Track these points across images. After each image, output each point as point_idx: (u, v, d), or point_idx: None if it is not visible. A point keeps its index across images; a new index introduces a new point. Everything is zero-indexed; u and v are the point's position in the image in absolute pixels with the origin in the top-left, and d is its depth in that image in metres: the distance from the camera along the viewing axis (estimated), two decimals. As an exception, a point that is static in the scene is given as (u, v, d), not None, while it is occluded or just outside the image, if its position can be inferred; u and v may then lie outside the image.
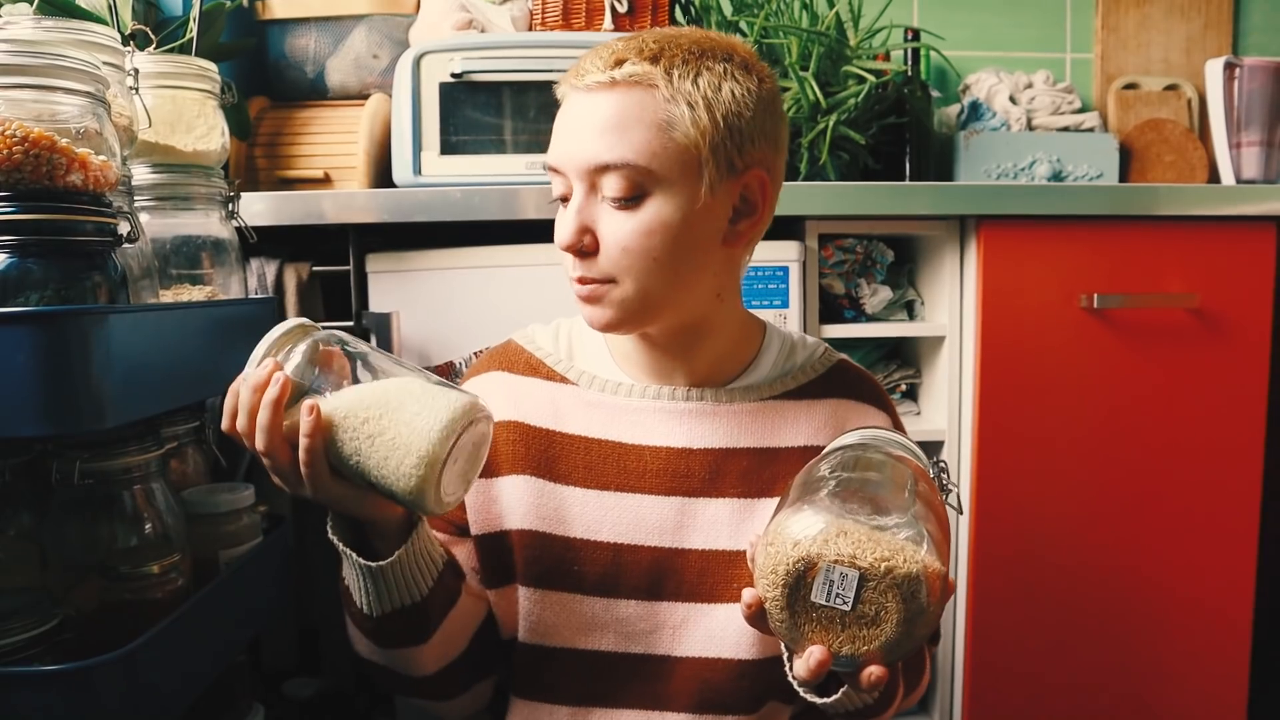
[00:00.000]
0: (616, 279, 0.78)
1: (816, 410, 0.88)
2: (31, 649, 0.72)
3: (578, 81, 0.77)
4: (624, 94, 0.76)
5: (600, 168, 0.76)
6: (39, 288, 0.72)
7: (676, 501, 0.84)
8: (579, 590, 0.84)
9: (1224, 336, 1.40)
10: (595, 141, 0.76)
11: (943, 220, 1.38)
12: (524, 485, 0.86)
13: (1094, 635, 1.43)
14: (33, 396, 0.66)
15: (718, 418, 0.86)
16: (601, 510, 0.84)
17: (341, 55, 1.50)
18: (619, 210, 0.77)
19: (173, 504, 0.90)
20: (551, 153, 0.79)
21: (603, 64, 0.76)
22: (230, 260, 1.03)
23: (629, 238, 0.77)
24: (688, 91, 0.76)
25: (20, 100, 0.71)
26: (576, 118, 0.77)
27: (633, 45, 0.77)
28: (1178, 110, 1.84)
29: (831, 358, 0.93)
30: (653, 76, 0.75)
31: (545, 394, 0.88)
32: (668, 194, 0.77)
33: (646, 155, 0.76)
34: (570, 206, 0.78)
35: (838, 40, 1.44)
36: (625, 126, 0.75)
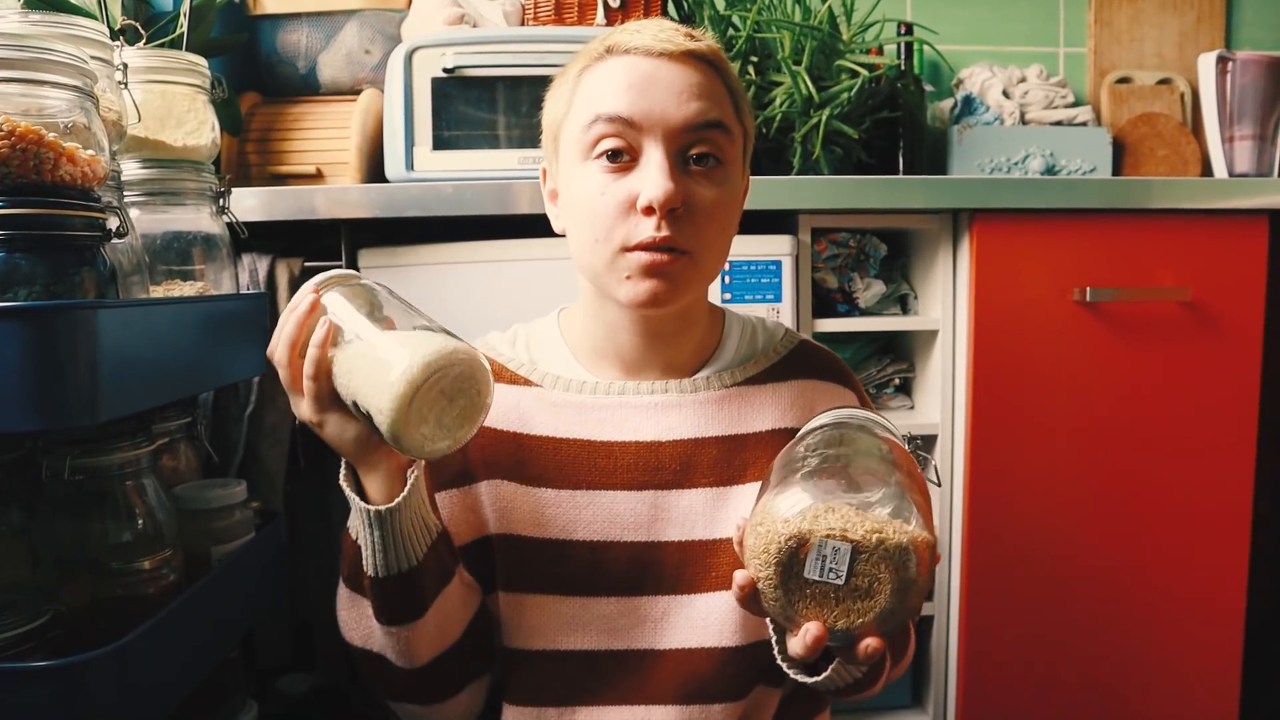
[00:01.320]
0: (693, 252, 0.79)
1: (783, 392, 0.88)
2: (23, 645, 0.72)
3: (660, 45, 0.77)
4: (707, 65, 0.79)
5: (700, 126, 0.77)
6: (27, 283, 0.71)
7: (650, 495, 0.84)
8: (559, 591, 0.84)
9: (1217, 330, 1.41)
10: (694, 102, 0.77)
11: (936, 214, 1.38)
12: (497, 490, 0.86)
13: (1087, 628, 1.43)
14: (22, 391, 0.66)
15: (684, 408, 0.86)
16: (575, 509, 0.84)
17: (333, 51, 1.49)
18: (705, 177, 0.79)
19: (164, 500, 0.90)
20: (626, 106, 0.77)
21: (678, 35, 0.79)
22: (221, 256, 1.03)
23: (715, 206, 0.79)
24: (735, 75, 0.83)
25: (6, 94, 0.70)
26: (664, 79, 0.77)
27: (687, 28, 0.81)
28: (1171, 104, 1.84)
29: (793, 339, 0.93)
30: (721, 57, 0.81)
31: (510, 398, 0.87)
32: (735, 166, 0.82)
33: (730, 124, 0.80)
34: (656, 163, 0.77)
35: (830, 34, 1.44)
36: (714, 93, 0.79)
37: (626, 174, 0.78)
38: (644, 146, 0.77)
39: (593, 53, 0.81)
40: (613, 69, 0.79)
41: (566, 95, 0.82)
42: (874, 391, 1.50)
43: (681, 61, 0.78)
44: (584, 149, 0.79)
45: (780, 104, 1.43)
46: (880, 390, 1.51)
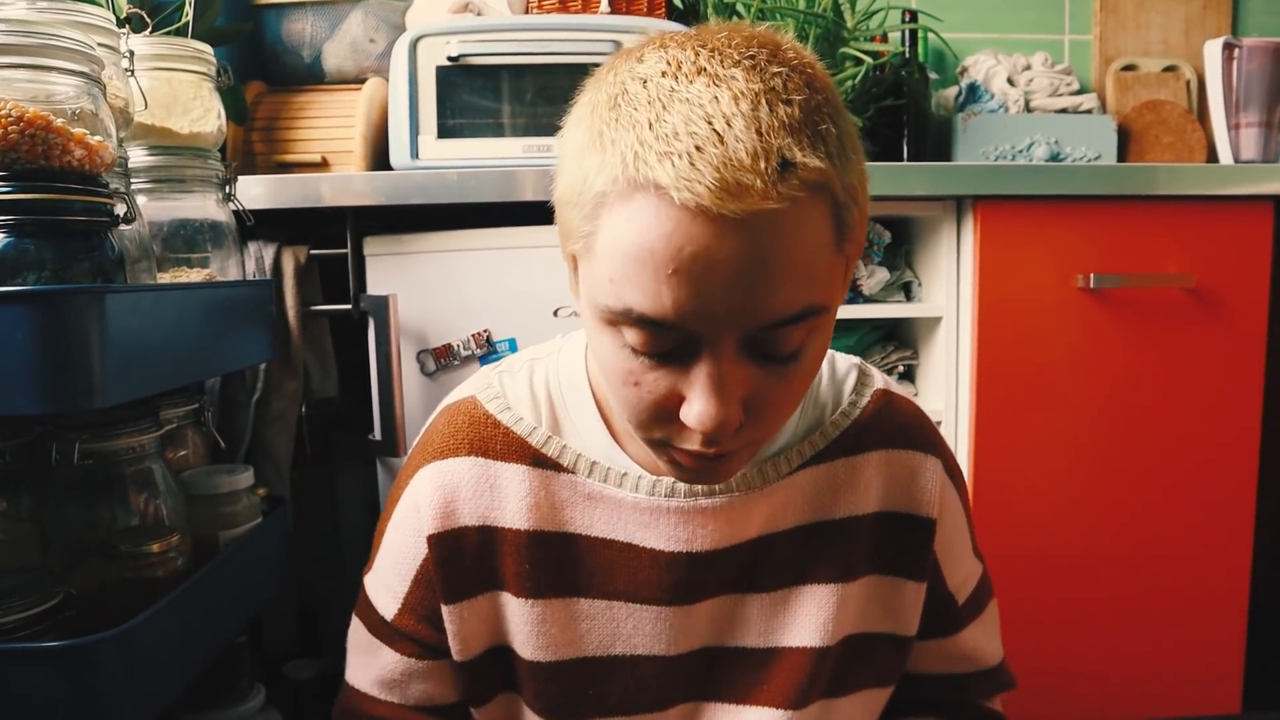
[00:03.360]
0: (761, 440, 0.61)
1: (853, 472, 0.72)
2: (33, 626, 0.73)
3: (723, 203, 0.49)
4: (800, 212, 0.52)
5: (778, 324, 0.54)
6: (36, 268, 0.72)
7: (703, 606, 0.72)
8: (600, 713, 0.74)
9: (1221, 316, 1.40)
10: (774, 292, 0.52)
11: (940, 201, 1.38)
12: (519, 607, 0.72)
13: (1091, 614, 1.43)
14: (31, 375, 0.67)
15: (742, 508, 0.70)
16: (613, 624, 0.72)
17: (338, 39, 1.50)
18: (782, 367, 0.57)
19: (172, 485, 0.90)
20: (671, 308, 0.52)
21: (763, 168, 0.50)
22: (228, 243, 1.04)
23: (789, 395, 0.59)
24: (852, 179, 0.55)
25: (14, 80, 0.71)
26: (729, 258, 0.51)
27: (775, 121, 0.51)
28: (1176, 92, 1.84)
29: (864, 391, 0.75)
30: (827, 178, 0.52)
31: (537, 486, 0.71)
32: (831, 318, 0.59)
33: (829, 288, 0.56)
34: (709, 374, 0.55)
35: (835, 22, 1.44)
36: (811, 258, 0.53)
37: (670, 367, 0.57)
38: (696, 342, 0.55)
39: (619, 166, 0.52)
40: (649, 227, 0.51)
41: (586, 207, 0.56)
42: (878, 379, 1.50)
43: (758, 226, 0.50)
44: (607, 323, 0.57)
45: (784, 91, 1.43)
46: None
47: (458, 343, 1.26)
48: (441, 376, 1.27)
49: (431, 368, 1.27)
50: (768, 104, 0.51)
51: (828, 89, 0.56)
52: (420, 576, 0.73)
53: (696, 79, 0.52)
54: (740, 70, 0.52)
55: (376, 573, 0.78)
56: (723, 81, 0.52)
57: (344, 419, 1.43)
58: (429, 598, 0.74)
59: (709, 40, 0.55)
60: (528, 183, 1.27)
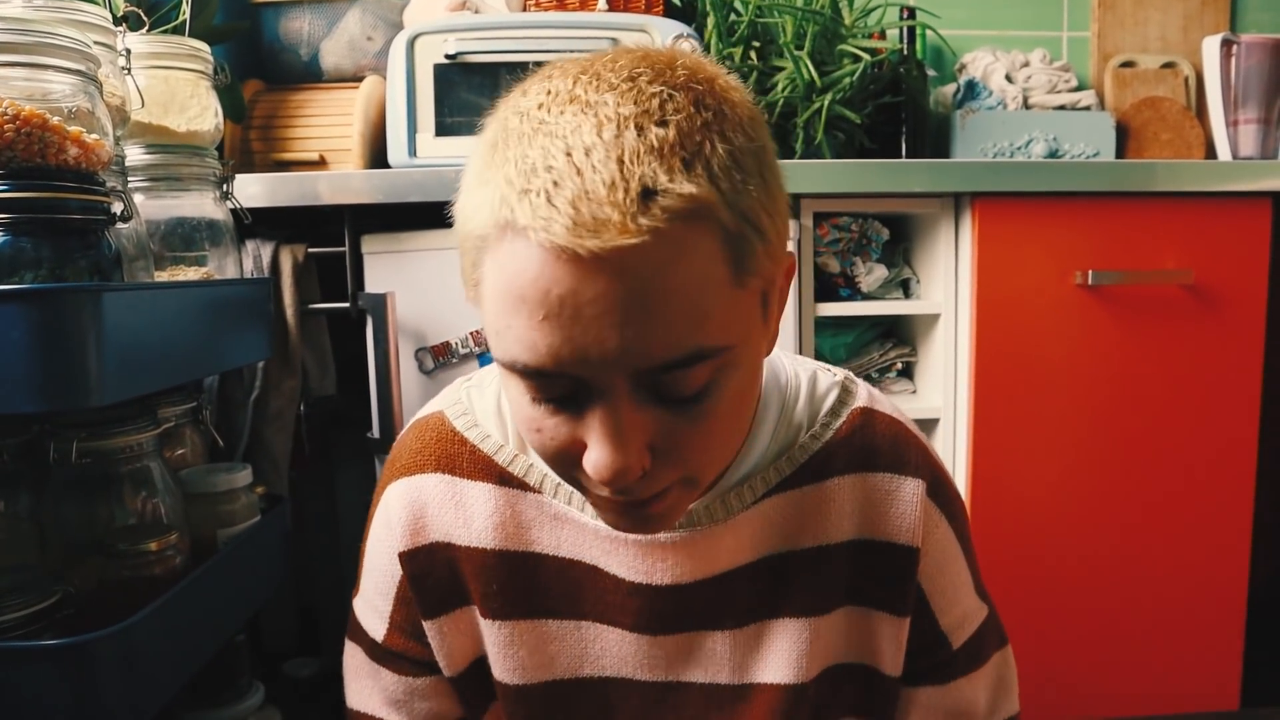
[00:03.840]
0: (690, 478, 0.57)
1: (826, 497, 0.68)
2: (32, 625, 0.73)
3: (578, 241, 0.46)
4: (675, 243, 0.47)
5: (659, 370, 0.50)
6: (33, 266, 0.72)
7: (667, 639, 0.69)
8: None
9: (1219, 312, 1.41)
10: (650, 331, 0.48)
11: (938, 198, 1.38)
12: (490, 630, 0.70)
13: (1089, 611, 1.43)
14: (28, 373, 0.67)
15: (705, 540, 0.67)
16: (582, 644, 0.70)
17: (335, 38, 1.50)
18: (685, 407, 0.53)
19: (170, 483, 0.91)
20: (546, 355, 0.49)
21: (621, 199, 0.46)
22: (225, 241, 1.04)
23: (704, 436, 0.54)
24: (748, 202, 0.50)
25: (10, 79, 0.71)
26: (592, 300, 0.47)
27: (641, 146, 0.47)
28: (1175, 88, 1.84)
29: (840, 410, 0.69)
30: (707, 201, 0.48)
31: (504, 505, 0.69)
32: (741, 358, 0.54)
33: (726, 326, 0.51)
34: (604, 421, 0.51)
35: (833, 19, 1.44)
36: (692, 296, 0.48)
37: (568, 414, 0.53)
38: (588, 387, 0.51)
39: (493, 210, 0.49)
40: (520, 271, 0.48)
41: (472, 251, 0.52)
42: (876, 376, 1.50)
43: (619, 262, 0.46)
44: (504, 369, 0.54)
45: (782, 89, 1.43)
46: (882, 375, 1.51)
47: (456, 340, 1.26)
48: (440, 374, 1.27)
49: (430, 366, 1.27)
50: (636, 128, 0.47)
51: (725, 104, 0.51)
52: (401, 594, 0.72)
53: (567, 108, 0.49)
54: (613, 94, 0.49)
55: (363, 595, 0.76)
56: (591, 108, 0.48)
57: (342, 417, 1.43)
58: (412, 614, 0.72)
59: (595, 65, 0.52)
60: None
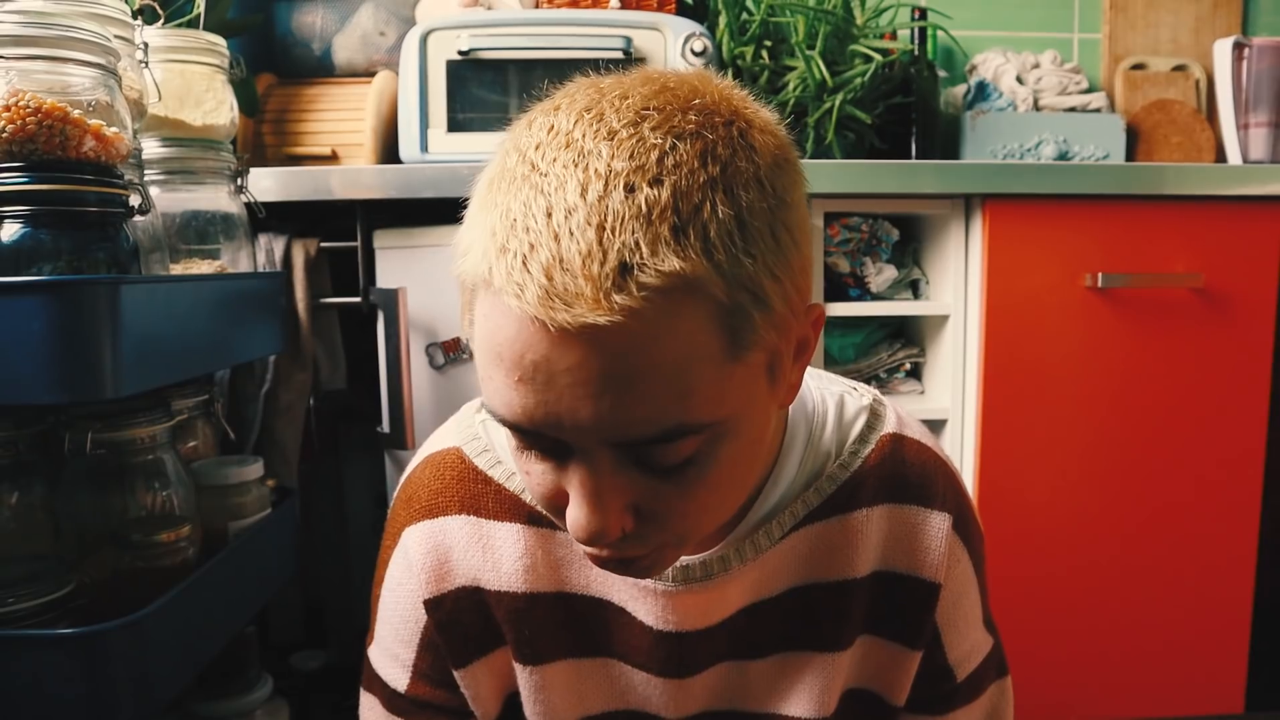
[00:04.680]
0: (677, 539, 0.54)
1: (853, 530, 0.66)
2: (46, 614, 0.74)
3: (550, 313, 0.43)
4: (655, 320, 0.44)
5: (639, 443, 0.48)
6: (52, 258, 0.73)
7: (698, 678, 0.69)
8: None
9: (1228, 316, 1.40)
10: (626, 406, 0.45)
11: (948, 199, 1.39)
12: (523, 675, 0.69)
13: (1095, 613, 1.43)
14: (46, 365, 0.68)
15: (735, 582, 0.65)
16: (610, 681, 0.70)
17: (348, 32, 1.50)
18: (670, 476, 0.50)
19: (183, 475, 0.91)
20: (524, 416, 0.47)
21: (596, 272, 0.43)
22: (239, 235, 1.04)
23: (692, 503, 0.52)
24: (748, 271, 0.46)
25: (32, 72, 0.71)
26: (566, 371, 0.45)
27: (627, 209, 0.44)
28: (1185, 91, 1.83)
29: (870, 437, 0.68)
30: (695, 277, 0.44)
31: (534, 546, 0.66)
32: (737, 429, 0.50)
33: (715, 402, 0.48)
34: (582, 482, 0.50)
35: (844, 19, 1.44)
36: (673, 373, 0.45)
37: (553, 463, 0.51)
38: (567, 446, 0.49)
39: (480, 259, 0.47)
40: (499, 329, 0.46)
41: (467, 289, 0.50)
42: (884, 376, 1.50)
43: (593, 340, 0.44)
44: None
45: (794, 89, 1.43)
46: (891, 375, 1.51)
47: (466, 337, 1.27)
48: (450, 370, 1.27)
49: (440, 361, 1.27)
50: (625, 188, 0.44)
51: (741, 153, 0.47)
52: (425, 641, 0.70)
53: (560, 155, 0.46)
54: (609, 144, 0.45)
55: (379, 643, 0.73)
56: (583, 159, 0.45)
57: (352, 411, 1.44)
58: (439, 660, 0.70)
59: (604, 100, 0.48)
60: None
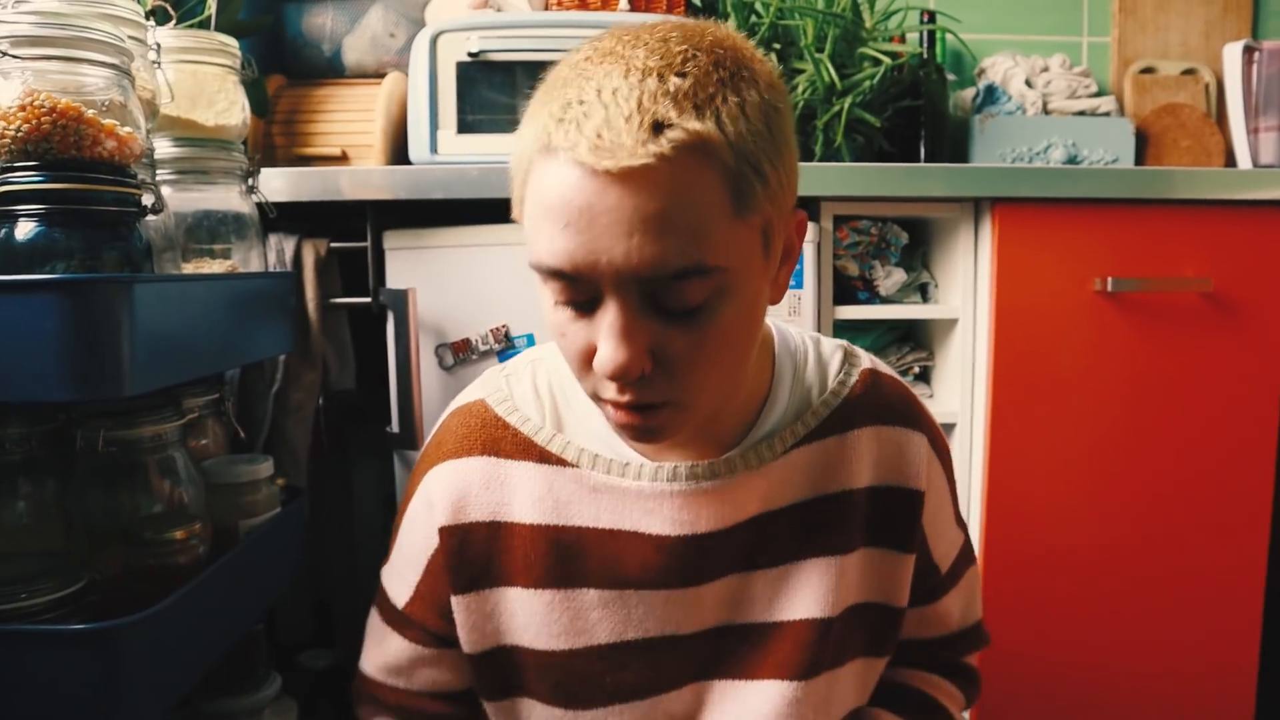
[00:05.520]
0: (681, 402, 0.64)
1: (842, 449, 0.76)
2: (58, 610, 0.74)
3: (598, 159, 0.55)
4: (676, 172, 0.56)
5: (658, 280, 0.58)
6: (65, 256, 0.73)
7: (708, 587, 0.74)
8: (619, 699, 0.75)
9: (1238, 321, 1.40)
10: (647, 246, 0.56)
11: (957, 203, 1.39)
12: (530, 599, 0.75)
13: (1105, 618, 1.43)
14: (59, 362, 0.68)
15: (740, 489, 0.73)
16: (625, 610, 0.74)
17: (358, 34, 1.50)
18: (684, 322, 0.60)
19: (194, 473, 0.91)
20: (565, 258, 0.58)
21: (635, 129, 0.55)
22: (250, 235, 1.05)
23: (699, 353, 0.62)
24: (750, 147, 0.58)
25: (47, 72, 0.72)
26: (606, 212, 0.56)
27: (659, 90, 0.56)
28: (1195, 95, 1.83)
29: (850, 373, 0.78)
30: (710, 139, 0.56)
31: (543, 482, 0.74)
32: (739, 285, 0.61)
33: (723, 250, 0.59)
34: (609, 322, 0.60)
35: (853, 22, 1.44)
36: (688, 219, 0.57)
37: (586, 318, 0.62)
38: (601, 291, 0.60)
39: (540, 130, 0.59)
40: (551, 185, 0.58)
41: (522, 171, 0.62)
42: (892, 379, 1.50)
43: (631, 182, 0.55)
44: (538, 275, 0.63)
45: (803, 91, 1.43)
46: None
47: (476, 337, 1.27)
48: (460, 371, 1.27)
49: (450, 362, 1.27)
50: (658, 76, 0.57)
51: (744, 68, 0.60)
52: (431, 566, 0.77)
53: (605, 60, 0.59)
54: (644, 50, 0.59)
55: (392, 565, 0.83)
56: (624, 59, 0.58)
57: (360, 411, 1.44)
58: (439, 588, 0.77)
59: (638, 29, 0.61)
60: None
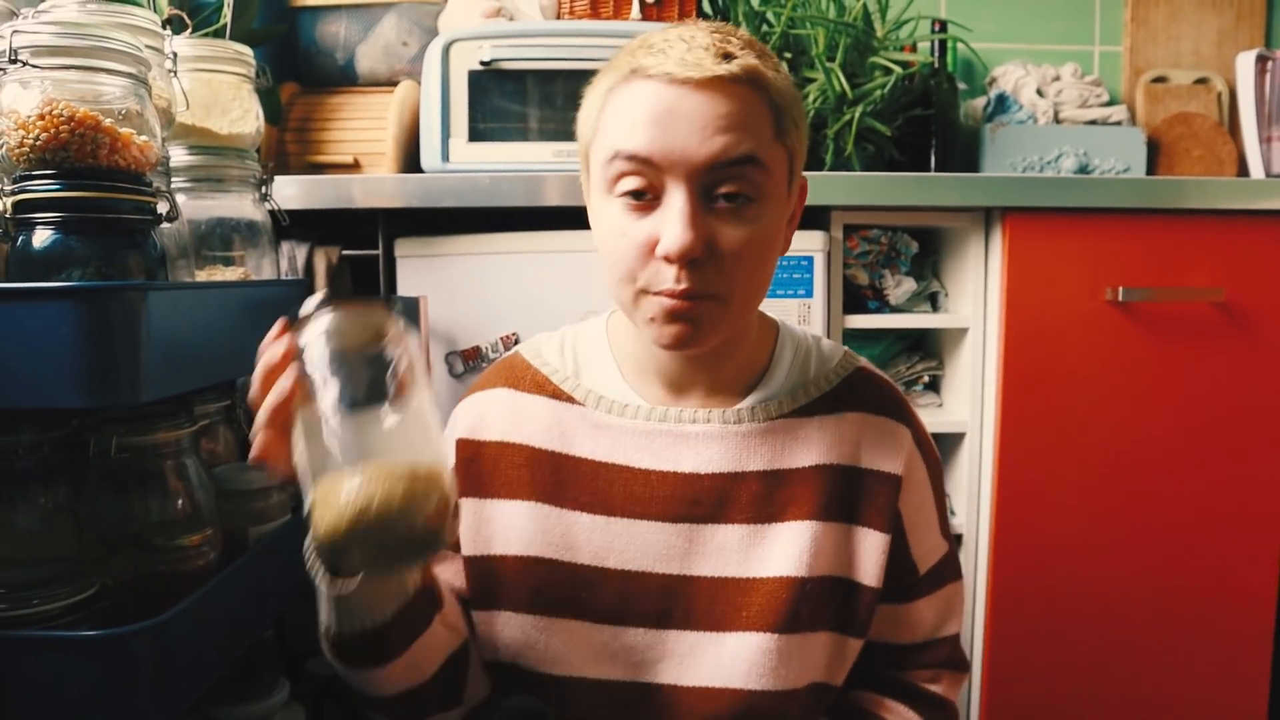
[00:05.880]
0: (724, 296, 0.74)
1: (830, 426, 0.83)
2: (70, 615, 0.74)
3: (683, 72, 0.70)
4: (739, 89, 0.71)
5: (725, 164, 0.71)
6: (81, 264, 0.73)
7: (685, 528, 0.81)
8: (588, 618, 0.81)
9: (1250, 331, 1.40)
10: (719, 137, 0.70)
11: (968, 212, 1.38)
12: (527, 511, 0.83)
13: (1116, 630, 1.42)
14: (75, 369, 0.68)
15: (726, 440, 0.82)
16: (609, 537, 0.81)
17: (371, 42, 1.51)
18: (733, 216, 0.73)
19: (205, 480, 0.92)
20: (645, 144, 0.71)
21: (711, 55, 0.71)
22: (263, 242, 1.05)
23: (743, 248, 0.73)
24: (784, 89, 0.74)
25: (66, 81, 0.73)
26: (687, 110, 0.70)
27: (725, 37, 0.73)
28: (1207, 104, 1.83)
29: (848, 366, 0.87)
30: (762, 73, 0.72)
31: (551, 414, 0.84)
32: (773, 198, 0.75)
33: (767, 156, 0.73)
34: (677, 208, 0.71)
35: (864, 31, 1.44)
36: (748, 123, 0.72)
37: (648, 213, 0.73)
38: (666, 185, 0.72)
39: (620, 70, 0.74)
40: (636, 96, 0.72)
41: (594, 115, 0.77)
42: (902, 388, 1.50)
43: (708, 89, 0.71)
44: (607, 183, 0.75)
45: (813, 100, 1.43)
46: (909, 387, 1.51)
47: (486, 345, 1.27)
48: (469, 378, 1.28)
49: (460, 369, 1.28)
50: (720, 35, 0.73)
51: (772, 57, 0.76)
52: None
53: (674, 31, 0.74)
54: (699, 29, 0.74)
55: None
56: (688, 29, 0.74)
57: (370, 418, 1.44)
58: None
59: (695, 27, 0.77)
60: (554, 188, 1.28)
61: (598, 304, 1.01)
